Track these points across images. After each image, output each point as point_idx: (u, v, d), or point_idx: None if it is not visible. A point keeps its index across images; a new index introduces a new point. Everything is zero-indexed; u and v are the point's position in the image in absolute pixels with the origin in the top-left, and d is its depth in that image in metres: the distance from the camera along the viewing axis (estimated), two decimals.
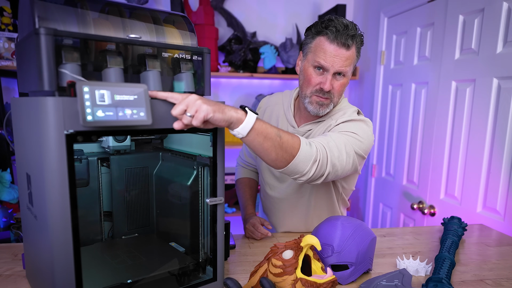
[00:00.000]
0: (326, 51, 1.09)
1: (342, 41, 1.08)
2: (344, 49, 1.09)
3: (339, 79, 1.13)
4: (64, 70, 0.65)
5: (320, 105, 1.16)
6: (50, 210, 0.63)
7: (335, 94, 1.15)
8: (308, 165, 0.94)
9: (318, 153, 0.96)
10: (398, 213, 2.26)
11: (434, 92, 1.92)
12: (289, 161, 0.92)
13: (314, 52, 1.13)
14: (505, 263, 1.11)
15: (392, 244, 1.26)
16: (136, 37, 0.76)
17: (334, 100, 1.16)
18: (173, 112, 0.72)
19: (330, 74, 1.11)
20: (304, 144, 0.94)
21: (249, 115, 0.82)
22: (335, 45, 1.09)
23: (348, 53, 1.10)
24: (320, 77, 1.13)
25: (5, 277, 0.95)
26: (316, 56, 1.12)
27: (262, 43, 2.58)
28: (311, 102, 1.16)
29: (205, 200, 0.90)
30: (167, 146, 1.11)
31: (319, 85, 1.13)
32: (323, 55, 1.10)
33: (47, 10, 0.67)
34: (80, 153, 1.01)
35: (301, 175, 0.96)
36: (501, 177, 1.53)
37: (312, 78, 1.14)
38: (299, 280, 0.80)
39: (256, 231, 1.27)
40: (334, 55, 1.09)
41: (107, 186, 1.07)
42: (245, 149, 1.52)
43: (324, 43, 1.10)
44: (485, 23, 1.59)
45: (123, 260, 0.94)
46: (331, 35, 1.08)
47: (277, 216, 1.36)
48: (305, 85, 1.17)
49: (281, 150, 0.90)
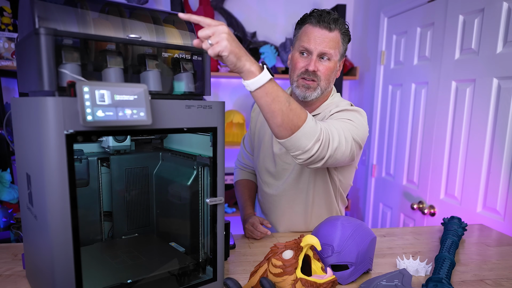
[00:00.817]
0: (310, 34, 1.15)
1: (324, 24, 1.13)
2: (326, 30, 1.14)
3: (324, 62, 1.16)
4: (64, 70, 0.65)
5: (307, 88, 1.18)
6: (50, 210, 0.63)
7: (321, 77, 1.17)
8: (311, 142, 0.94)
9: (322, 133, 0.96)
10: (398, 213, 2.26)
11: (434, 92, 1.92)
12: (293, 131, 0.92)
13: (300, 39, 1.18)
14: (505, 263, 1.11)
15: (392, 244, 1.26)
16: (136, 37, 0.76)
17: (321, 84, 1.18)
18: (199, 33, 0.78)
19: (314, 55, 1.15)
20: (310, 119, 0.95)
21: (263, 73, 0.84)
22: (317, 28, 1.14)
23: (331, 34, 1.14)
24: (305, 60, 1.17)
25: (5, 277, 0.95)
26: (301, 42, 1.17)
27: (262, 43, 2.58)
28: (298, 86, 1.19)
29: (205, 200, 0.90)
30: (167, 146, 1.11)
31: (304, 68, 1.17)
32: (306, 38, 1.15)
33: (47, 10, 0.67)
34: (80, 153, 1.01)
35: (302, 151, 0.95)
36: (501, 177, 1.53)
37: (297, 63, 1.18)
38: (299, 280, 0.80)
39: (255, 230, 1.27)
40: (316, 37, 1.14)
41: (107, 186, 1.07)
42: (243, 152, 1.53)
43: (308, 28, 1.16)
44: (485, 23, 1.59)
45: (123, 260, 0.94)
46: (314, 20, 1.15)
47: (276, 214, 1.36)
48: (292, 71, 1.21)
49: (287, 117, 0.90)
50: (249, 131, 1.50)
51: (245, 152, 1.53)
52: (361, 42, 2.69)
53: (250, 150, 1.52)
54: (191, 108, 0.77)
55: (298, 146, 0.94)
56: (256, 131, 1.42)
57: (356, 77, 2.64)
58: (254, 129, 1.44)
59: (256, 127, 1.42)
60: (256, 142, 1.42)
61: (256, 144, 1.43)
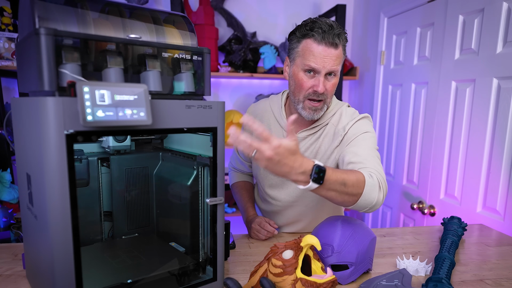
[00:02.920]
0: (315, 52, 1.08)
1: (330, 41, 1.07)
2: (332, 48, 1.08)
3: (330, 79, 1.12)
4: (64, 70, 0.65)
5: (314, 110, 1.15)
6: (50, 210, 0.63)
7: (328, 95, 1.14)
8: (375, 196, 0.94)
9: (378, 181, 0.97)
10: (398, 213, 2.26)
11: (434, 92, 1.92)
12: (356, 200, 0.93)
13: (303, 55, 1.11)
14: (505, 263, 1.11)
15: (392, 244, 1.26)
16: (136, 37, 0.76)
17: (327, 101, 1.16)
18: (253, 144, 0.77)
19: (322, 76, 1.10)
20: (367, 177, 0.95)
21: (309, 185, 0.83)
22: (323, 46, 1.08)
23: (337, 52, 1.09)
24: (312, 80, 1.11)
25: (5, 277, 0.95)
26: (305, 60, 1.10)
27: (262, 43, 2.58)
28: (305, 108, 1.15)
29: (205, 200, 0.90)
30: (167, 146, 1.11)
31: (311, 89, 1.12)
32: (312, 57, 1.09)
33: (47, 10, 0.67)
34: (80, 153, 1.01)
35: (371, 207, 0.96)
36: (501, 177, 1.53)
37: (304, 83, 1.12)
38: (299, 280, 0.80)
39: (262, 230, 1.25)
40: (324, 56, 1.08)
41: (107, 186, 1.07)
42: (236, 157, 1.49)
43: (311, 45, 1.09)
44: (485, 23, 1.59)
45: (123, 260, 0.94)
46: (318, 36, 1.07)
47: (280, 222, 1.36)
48: (297, 91, 1.15)
49: (346, 195, 0.91)
50: None
51: (238, 158, 1.48)
52: (361, 42, 2.69)
53: (244, 157, 1.46)
54: (191, 108, 0.77)
55: (366, 206, 0.95)
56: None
57: (356, 77, 2.64)
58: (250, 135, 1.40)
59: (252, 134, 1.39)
60: None
61: None
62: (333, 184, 0.87)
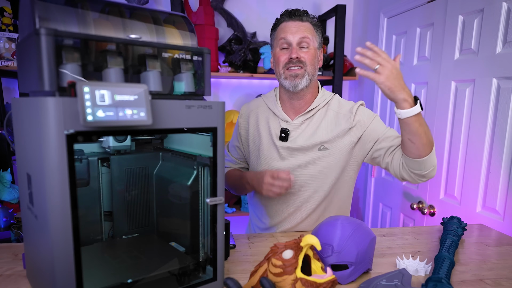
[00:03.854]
0: (285, 27, 1.24)
1: (296, 18, 1.24)
2: (299, 21, 1.24)
3: (304, 50, 1.23)
4: (65, 70, 0.65)
5: (294, 77, 1.23)
6: (51, 210, 0.63)
7: (307, 62, 1.23)
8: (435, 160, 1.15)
9: None
10: (398, 213, 2.26)
11: (433, 92, 1.92)
12: (432, 147, 1.11)
13: (277, 37, 1.27)
14: (504, 263, 1.11)
15: (391, 244, 1.26)
16: (136, 37, 0.76)
17: (307, 69, 1.23)
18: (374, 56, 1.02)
19: (294, 44, 1.22)
20: None
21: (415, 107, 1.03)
22: (291, 21, 1.24)
23: (305, 24, 1.24)
24: (287, 52, 1.24)
25: (6, 277, 0.95)
26: (278, 37, 1.25)
27: (262, 43, 2.58)
28: (286, 77, 1.24)
29: (205, 200, 0.90)
30: (167, 146, 1.11)
31: (287, 58, 1.23)
32: (283, 32, 1.24)
33: (47, 10, 0.67)
34: (80, 153, 1.01)
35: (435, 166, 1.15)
36: (500, 177, 1.53)
37: (280, 56, 1.25)
38: (299, 280, 0.80)
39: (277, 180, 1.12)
40: (292, 27, 1.23)
41: (107, 186, 1.07)
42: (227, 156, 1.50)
43: (282, 25, 1.26)
44: (485, 23, 1.59)
45: (123, 260, 0.94)
46: (286, 17, 1.26)
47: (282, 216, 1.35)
48: (277, 66, 1.27)
49: (429, 136, 1.10)
50: (238, 138, 1.45)
51: (230, 157, 1.49)
52: (361, 42, 2.69)
53: (237, 156, 1.48)
54: (191, 108, 0.77)
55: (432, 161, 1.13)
56: (250, 136, 1.39)
57: (356, 77, 2.64)
58: (246, 135, 1.41)
59: (249, 132, 1.40)
60: (252, 147, 1.39)
61: (252, 149, 1.40)
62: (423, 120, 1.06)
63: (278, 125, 1.31)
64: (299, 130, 1.29)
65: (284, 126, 1.30)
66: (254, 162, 1.39)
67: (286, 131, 1.29)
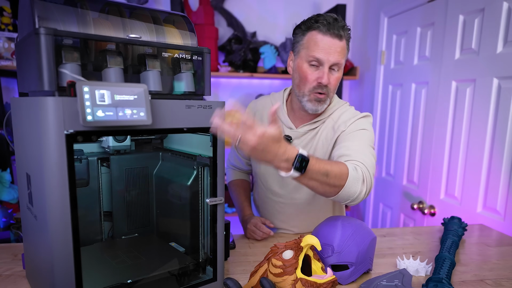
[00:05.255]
0: (320, 44, 1.08)
1: (335, 32, 1.07)
2: (337, 39, 1.08)
3: (334, 73, 1.12)
4: (64, 70, 0.65)
5: (318, 102, 1.15)
6: (50, 210, 0.63)
7: (331, 89, 1.14)
8: (358, 188, 0.94)
9: (363, 174, 0.96)
10: (398, 213, 2.26)
11: (434, 92, 1.92)
12: (338, 191, 0.92)
13: (307, 47, 1.10)
14: (505, 263, 1.11)
15: (392, 244, 1.26)
16: (136, 37, 0.76)
17: (330, 95, 1.16)
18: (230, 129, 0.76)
19: (326, 67, 1.09)
20: (351, 170, 0.94)
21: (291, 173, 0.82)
22: (328, 37, 1.07)
23: (342, 44, 1.09)
24: (316, 72, 1.11)
25: (5, 277, 0.95)
26: (310, 51, 1.09)
27: (262, 43, 2.58)
28: (310, 100, 1.14)
29: (205, 200, 0.90)
30: (167, 146, 1.11)
31: (316, 81, 1.11)
32: (317, 48, 1.08)
33: (47, 10, 0.67)
34: (80, 153, 1.01)
35: (352, 199, 0.95)
36: (501, 177, 1.53)
37: (308, 75, 1.11)
38: (299, 280, 0.80)
39: (258, 231, 1.25)
40: (328, 47, 1.08)
41: (107, 186, 1.07)
42: (235, 154, 1.49)
43: (317, 36, 1.08)
44: (485, 23, 1.59)
45: (123, 260, 0.94)
46: (323, 28, 1.07)
47: (281, 218, 1.35)
48: (302, 84, 1.14)
49: (327, 185, 0.90)
50: None
51: (237, 155, 1.47)
52: (361, 42, 2.69)
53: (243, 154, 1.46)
54: (191, 108, 0.77)
55: (347, 198, 0.95)
56: None
57: (356, 77, 2.64)
58: None
59: None
60: None
61: None
62: (315, 174, 0.86)
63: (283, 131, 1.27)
64: (302, 140, 1.25)
65: (287, 133, 1.26)
66: (254, 162, 1.39)
67: (288, 139, 1.25)
